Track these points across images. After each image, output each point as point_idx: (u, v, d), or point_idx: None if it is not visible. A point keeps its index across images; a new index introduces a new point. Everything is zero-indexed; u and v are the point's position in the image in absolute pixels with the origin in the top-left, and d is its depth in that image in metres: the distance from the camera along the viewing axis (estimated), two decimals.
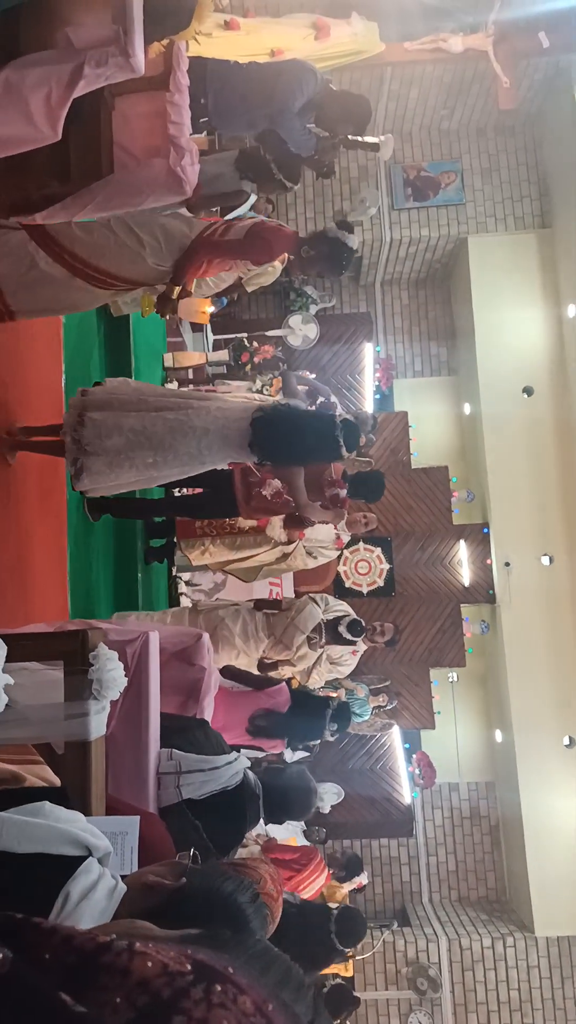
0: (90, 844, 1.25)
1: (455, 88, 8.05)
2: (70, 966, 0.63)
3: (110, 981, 0.62)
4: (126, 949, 0.64)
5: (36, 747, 1.78)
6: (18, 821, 1.21)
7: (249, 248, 3.41)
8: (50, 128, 2.91)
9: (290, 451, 3.55)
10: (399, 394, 9.06)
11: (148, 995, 0.61)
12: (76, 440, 3.34)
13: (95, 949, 0.64)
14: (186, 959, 0.64)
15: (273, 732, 3.58)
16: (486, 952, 7.76)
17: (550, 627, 8.16)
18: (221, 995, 0.61)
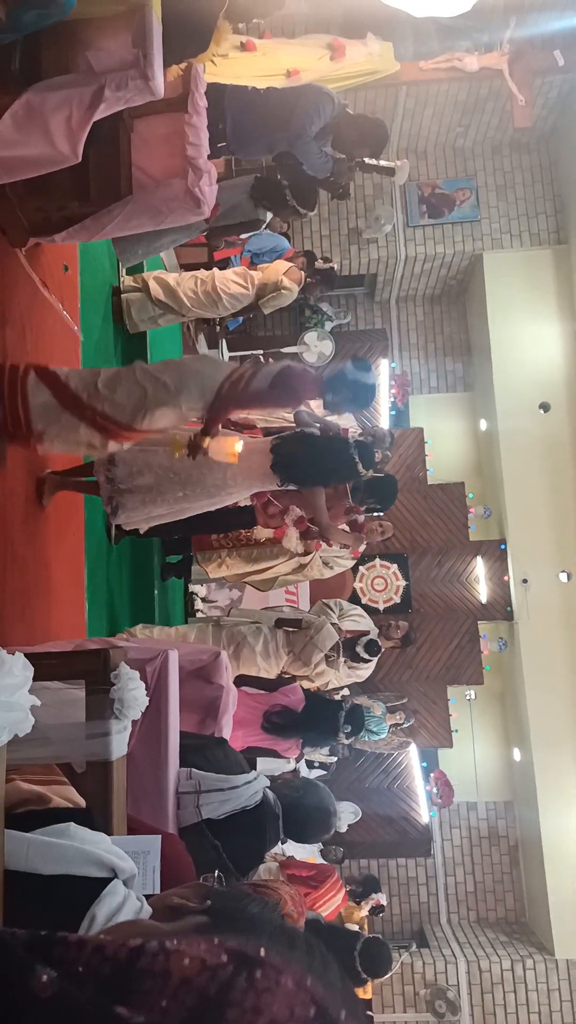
0: (116, 866, 1.24)
1: (470, 106, 8.10)
2: (106, 977, 0.63)
3: (152, 985, 0.61)
4: (160, 951, 0.63)
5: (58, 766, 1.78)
6: (44, 842, 1.20)
7: (276, 399, 3.38)
8: (71, 150, 2.95)
9: (310, 471, 3.67)
10: (415, 410, 9.05)
11: (195, 993, 0.61)
12: (109, 479, 3.46)
13: (129, 956, 0.63)
14: (220, 949, 0.64)
15: (287, 730, 3.60)
16: (505, 974, 7.64)
17: (569, 644, 8.09)
18: (264, 980, 0.62)
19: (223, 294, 4.87)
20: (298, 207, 4.21)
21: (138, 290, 4.92)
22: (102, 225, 3.43)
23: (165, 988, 0.61)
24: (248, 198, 4.16)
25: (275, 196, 4.12)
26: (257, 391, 3.22)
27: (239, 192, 4.11)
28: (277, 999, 0.62)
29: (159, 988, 0.61)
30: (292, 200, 4.12)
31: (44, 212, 3.37)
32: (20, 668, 1.16)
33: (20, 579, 3.33)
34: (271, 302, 4.89)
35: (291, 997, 0.62)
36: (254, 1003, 0.61)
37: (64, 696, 1.95)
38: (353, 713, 3.79)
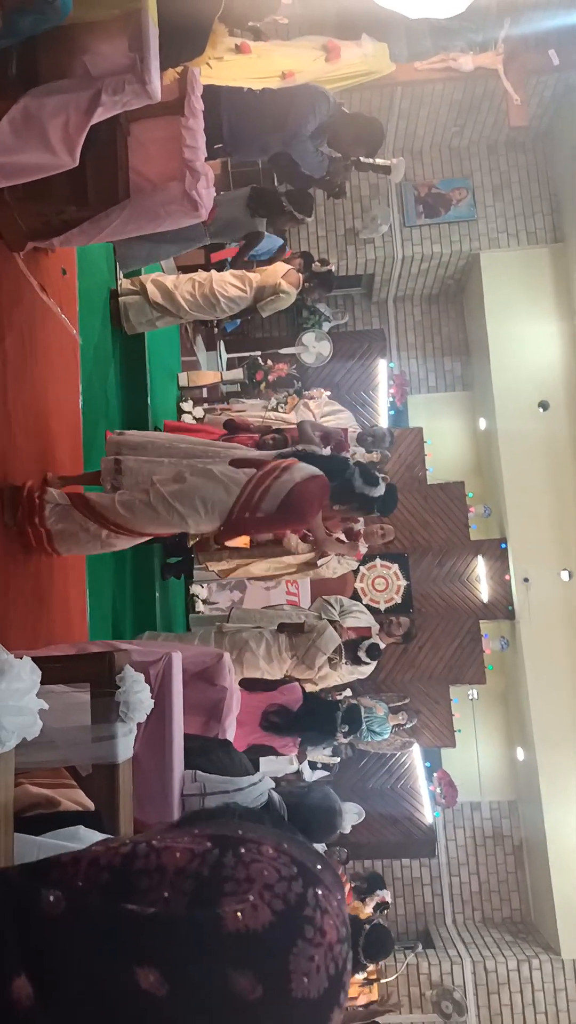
0: None
1: (465, 106, 8.11)
2: (105, 884, 0.68)
3: (150, 882, 0.67)
4: (151, 850, 0.69)
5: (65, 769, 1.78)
6: (54, 845, 1.21)
7: (285, 519, 3.49)
8: (68, 155, 2.95)
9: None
10: (413, 410, 9.06)
11: (191, 879, 0.67)
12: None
13: (123, 860, 0.69)
14: (202, 837, 0.70)
15: (285, 729, 3.62)
16: (512, 975, 7.63)
17: (571, 642, 8.09)
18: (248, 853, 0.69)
19: (221, 297, 4.87)
20: (295, 213, 4.23)
21: (136, 293, 4.92)
22: (100, 229, 3.43)
23: (163, 881, 0.67)
24: (245, 209, 4.18)
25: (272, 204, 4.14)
26: (267, 516, 3.35)
27: (236, 206, 4.14)
28: (264, 865, 0.69)
29: (157, 882, 0.67)
30: (289, 206, 4.13)
31: (42, 216, 3.37)
32: (28, 672, 1.16)
33: (23, 584, 3.33)
34: (269, 305, 4.90)
35: (274, 861, 0.70)
36: (245, 874, 0.68)
37: (69, 700, 1.94)
38: (350, 712, 3.81)
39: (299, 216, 4.35)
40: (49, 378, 3.90)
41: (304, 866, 0.71)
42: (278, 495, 3.33)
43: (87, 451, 4.33)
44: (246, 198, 4.25)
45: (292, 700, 3.54)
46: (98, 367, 4.72)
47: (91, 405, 4.47)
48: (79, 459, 4.24)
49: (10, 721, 1.13)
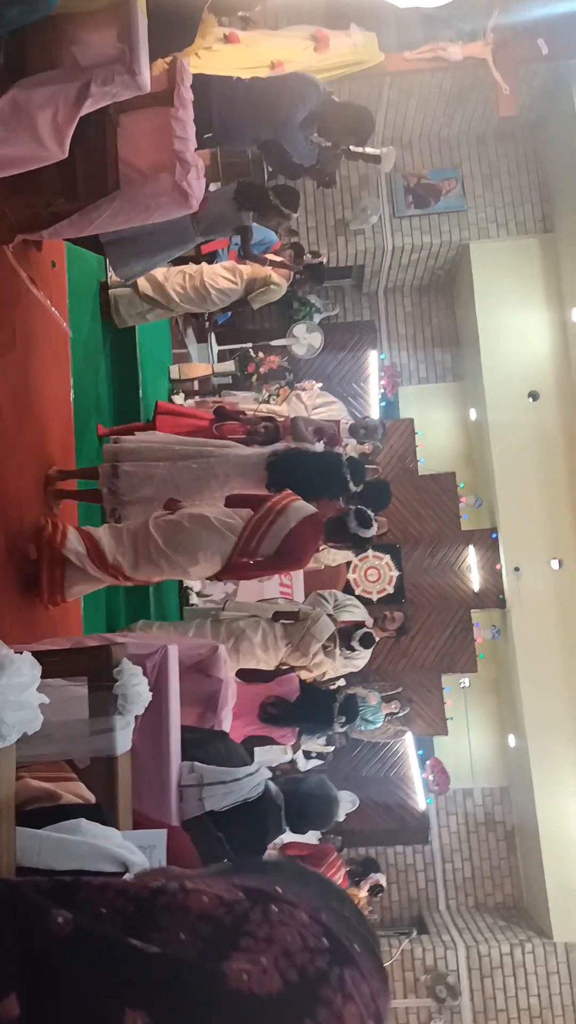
0: (127, 860, 1.26)
1: (454, 96, 8.09)
2: (129, 915, 0.65)
3: (171, 920, 0.64)
4: (180, 889, 0.66)
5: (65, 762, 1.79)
6: (57, 839, 1.22)
7: (282, 562, 3.57)
8: (57, 146, 2.93)
9: (303, 488, 3.74)
10: (404, 401, 9.07)
11: (211, 925, 0.63)
12: (112, 491, 3.60)
13: (151, 894, 0.66)
14: (236, 888, 0.67)
15: (283, 720, 3.65)
16: (505, 959, 7.71)
17: (561, 631, 8.15)
18: (278, 913, 0.65)
19: (211, 289, 4.86)
20: (282, 207, 4.23)
21: (126, 285, 4.90)
22: (90, 221, 3.42)
23: (184, 922, 0.64)
24: (232, 204, 4.17)
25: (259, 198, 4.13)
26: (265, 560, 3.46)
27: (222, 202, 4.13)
28: (290, 930, 0.64)
29: (177, 922, 0.64)
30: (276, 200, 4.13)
31: (31, 209, 3.35)
32: (28, 667, 1.17)
33: (19, 578, 3.33)
34: (260, 297, 4.89)
35: (303, 928, 0.65)
36: (267, 933, 0.63)
37: (66, 693, 1.95)
38: (347, 703, 3.84)
39: (285, 211, 4.34)
40: (40, 371, 3.90)
41: (339, 943, 0.66)
42: (275, 540, 3.41)
43: (79, 444, 4.33)
44: (233, 192, 4.25)
45: (289, 691, 3.57)
46: (89, 360, 4.71)
47: (82, 398, 4.47)
48: (71, 452, 4.24)
49: (11, 716, 1.14)
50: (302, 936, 0.64)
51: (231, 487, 3.77)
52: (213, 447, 3.96)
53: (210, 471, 3.77)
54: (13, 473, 3.45)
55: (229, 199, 4.13)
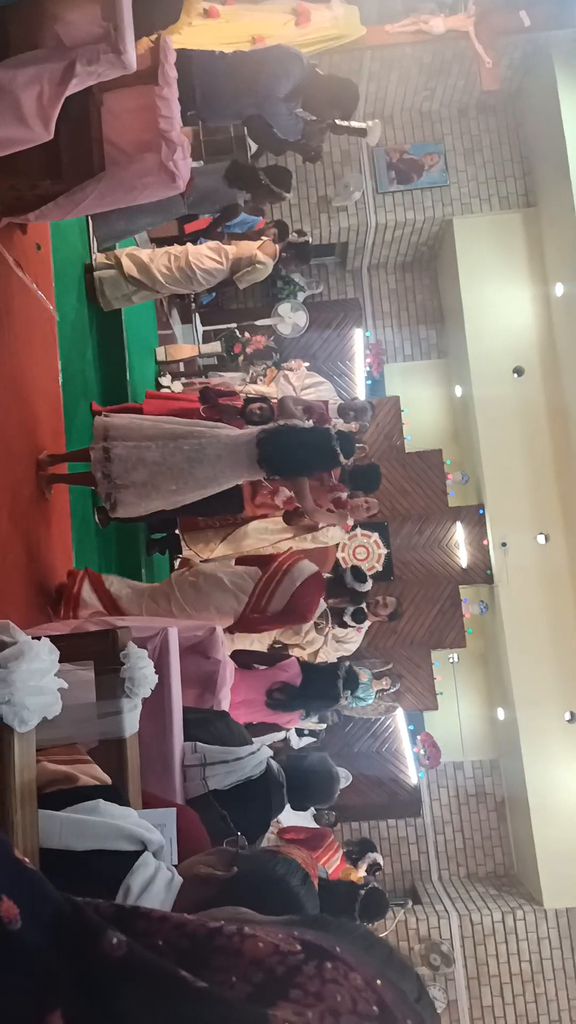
0: (145, 839, 1.28)
1: (435, 69, 8.03)
2: (184, 950, 0.66)
3: (224, 962, 0.64)
4: (237, 932, 0.66)
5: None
6: (76, 820, 1.24)
7: (290, 618, 3.91)
8: (43, 127, 2.90)
9: (294, 463, 3.85)
10: (390, 379, 9.08)
11: (263, 972, 0.63)
12: (106, 475, 3.61)
13: (208, 933, 0.66)
14: (295, 940, 0.66)
15: (290, 704, 3.72)
16: (496, 926, 7.88)
17: (548, 604, 8.24)
18: (332, 971, 0.64)
19: (197, 269, 4.82)
20: (273, 188, 4.20)
21: (111, 267, 4.86)
22: (76, 203, 3.38)
23: (237, 966, 0.64)
24: (223, 180, 4.13)
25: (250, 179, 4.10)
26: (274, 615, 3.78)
27: (214, 177, 4.09)
28: (342, 991, 0.63)
29: (230, 965, 0.64)
30: (267, 181, 4.10)
31: (16, 191, 3.31)
32: (47, 653, 1.19)
33: (13, 565, 3.33)
34: (246, 277, 4.86)
35: (357, 992, 0.64)
36: (318, 989, 0.62)
37: (73, 677, 1.97)
38: (350, 676, 3.91)
39: (276, 191, 4.32)
40: (28, 355, 3.87)
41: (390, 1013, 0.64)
42: (283, 597, 3.81)
43: (68, 427, 4.31)
44: (225, 170, 4.21)
45: (293, 675, 3.62)
46: (76, 343, 4.68)
47: (70, 381, 4.44)
48: (61, 435, 4.22)
49: (32, 701, 1.16)
50: (353, 999, 0.63)
51: (223, 466, 3.79)
52: (203, 427, 3.96)
53: (201, 451, 3.78)
54: (4, 457, 3.44)
55: (221, 176, 4.10)
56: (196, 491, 3.83)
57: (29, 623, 3.36)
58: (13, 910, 0.62)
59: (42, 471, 3.78)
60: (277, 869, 1.31)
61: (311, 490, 4.07)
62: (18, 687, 1.14)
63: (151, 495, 3.74)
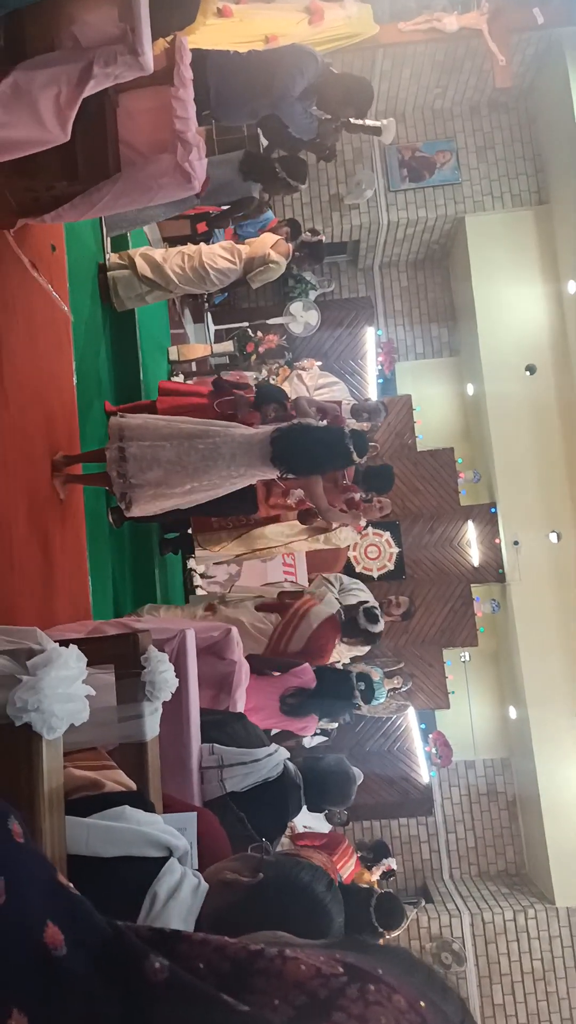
0: (171, 844, 1.29)
1: (448, 66, 7.99)
2: (225, 974, 0.65)
3: (266, 985, 0.64)
4: (278, 955, 0.66)
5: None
6: (103, 826, 1.24)
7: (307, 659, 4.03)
8: (60, 129, 2.90)
9: (308, 461, 3.86)
10: (402, 377, 9.06)
11: (305, 995, 0.62)
12: (121, 474, 3.62)
13: (249, 956, 0.66)
14: (336, 962, 0.65)
15: (305, 709, 3.73)
16: (508, 924, 7.87)
17: (560, 603, 8.22)
18: (376, 993, 0.63)
19: (211, 269, 4.83)
20: (289, 180, 4.18)
21: (124, 267, 4.86)
22: (92, 203, 3.38)
23: (279, 989, 0.63)
24: (238, 172, 4.12)
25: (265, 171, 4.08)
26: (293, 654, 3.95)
27: (229, 168, 4.08)
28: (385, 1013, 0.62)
29: (272, 988, 0.63)
30: (283, 173, 4.09)
31: (32, 193, 3.32)
32: (75, 660, 1.19)
33: (28, 566, 3.35)
34: (259, 276, 4.86)
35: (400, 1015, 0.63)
36: (361, 1012, 0.62)
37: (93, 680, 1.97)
38: (364, 679, 3.91)
39: (293, 183, 4.31)
40: (43, 356, 3.88)
41: None
42: (301, 640, 4.07)
43: (82, 427, 4.32)
44: (239, 161, 4.20)
45: (307, 680, 3.62)
46: (90, 343, 4.69)
47: (85, 382, 4.45)
48: (75, 436, 4.23)
49: (60, 708, 1.16)
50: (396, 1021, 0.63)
51: (237, 465, 3.81)
52: (218, 426, 3.97)
53: (216, 451, 3.79)
54: (21, 459, 3.45)
55: (235, 167, 4.10)
56: (211, 490, 3.84)
57: (44, 624, 3.38)
58: (58, 936, 0.62)
59: (57, 472, 3.79)
60: (303, 875, 1.31)
61: (325, 491, 4.07)
62: (46, 694, 1.15)
63: (166, 494, 3.75)
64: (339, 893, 1.34)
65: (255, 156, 4.13)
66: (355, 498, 4.42)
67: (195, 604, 4.74)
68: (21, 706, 1.13)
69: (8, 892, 0.60)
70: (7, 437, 3.33)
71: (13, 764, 1.16)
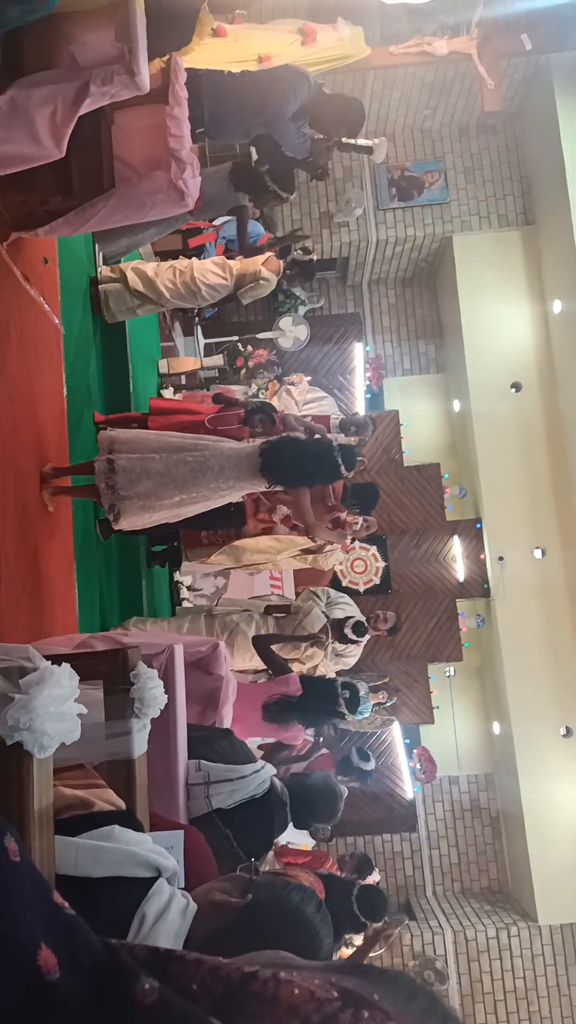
0: (160, 865, 1.28)
1: (437, 88, 8.11)
2: (218, 996, 0.65)
3: (259, 1009, 0.63)
4: (272, 978, 0.65)
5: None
6: (93, 846, 1.24)
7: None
8: (55, 146, 2.93)
9: (296, 473, 3.88)
10: (389, 393, 9.12)
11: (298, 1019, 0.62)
12: (110, 486, 3.61)
13: (242, 979, 0.65)
14: (331, 986, 0.65)
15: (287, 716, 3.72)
16: (491, 942, 7.85)
17: (545, 619, 8.26)
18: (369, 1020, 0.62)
19: (202, 285, 4.85)
20: (279, 191, 4.22)
21: (116, 281, 4.88)
22: (85, 219, 3.41)
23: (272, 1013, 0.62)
24: (228, 184, 4.16)
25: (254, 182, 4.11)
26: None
27: (220, 183, 4.11)
28: None
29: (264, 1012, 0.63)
30: (272, 185, 4.13)
31: (27, 207, 3.35)
32: (67, 679, 1.19)
33: (16, 578, 3.34)
34: (250, 292, 4.89)
35: None
36: None
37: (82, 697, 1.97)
38: (350, 687, 3.92)
39: (282, 194, 4.35)
40: (34, 369, 3.89)
41: None
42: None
43: (72, 439, 4.32)
44: (228, 173, 4.24)
45: (293, 690, 3.62)
46: (80, 356, 4.70)
47: (75, 394, 4.46)
48: (64, 448, 4.23)
49: (52, 727, 1.16)
50: None
51: (226, 477, 3.82)
52: (208, 440, 3.99)
53: (205, 464, 3.81)
54: (11, 472, 3.45)
55: (224, 180, 4.13)
56: (200, 503, 3.85)
57: (32, 637, 3.36)
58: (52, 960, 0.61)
59: (46, 484, 3.79)
60: (292, 896, 1.31)
61: (313, 508, 4.09)
62: (39, 713, 1.15)
63: (155, 506, 3.75)
64: (328, 914, 1.34)
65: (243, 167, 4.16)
66: (341, 517, 4.43)
67: (181, 617, 4.73)
68: (13, 725, 1.13)
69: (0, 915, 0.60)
70: (2, 450, 3.33)
71: (4, 783, 1.16)
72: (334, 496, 4.44)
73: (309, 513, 4.13)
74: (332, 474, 4.03)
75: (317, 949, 1.28)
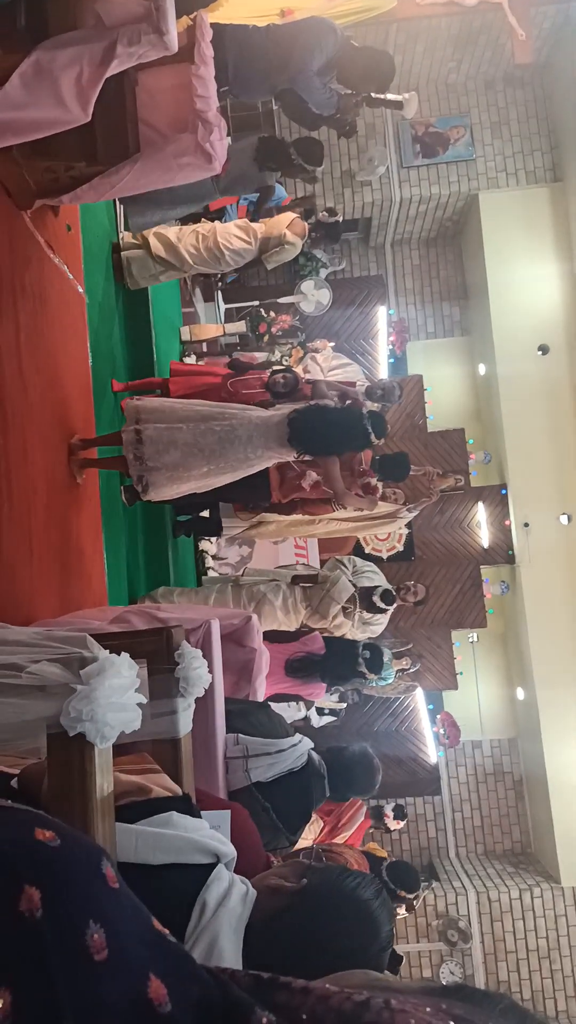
0: (219, 851, 1.28)
1: (462, 39, 7.83)
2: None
3: None
4: (385, 1007, 0.61)
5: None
6: (152, 833, 1.23)
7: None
8: (81, 110, 2.85)
9: (325, 441, 3.84)
10: (413, 357, 8.98)
11: None
12: (138, 457, 3.60)
13: (355, 1008, 0.62)
14: (445, 1014, 0.62)
15: (311, 672, 3.74)
16: (514, 903, 7.96)
17: (570, 585, 8.21)
18: None
19: (226, 250, 4.76)
20: (305, 164, 4.11)
21: (138, 247, 4.81)
22: (111, 184, 3.33)
23: None
24: (253, 163, 4.05)
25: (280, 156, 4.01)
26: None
27: (244, 159, 4.01)
28: None
29: None
30: (298, 158, 4.02)
31: (52, 173, 3.27)
32: (127, 668, 1.18)
33: (46, 552, 3.34)
34: (275, 256, 4.80)
35: None
36: None
37: None
38: (372, 648, 3.93)
39: (309, 167, 4.24)
40: (59, 338, 3.84)
41: None
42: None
43: (97, 410, 4.30)
44: (253, 151, 4.13)
45: (316, 648, 3.64)
46: (104, 324, 4.64)
47: (99, 363, 4.42)
48: (91, 419, 4.21)
49: (114, 717, 1.15)
50: None
51: (255, 447, 3.79)
52: (235, 409, 3.94)
53: (233, 433, 3.77)
54: (39, 444, 3.43)
55: (249, 157, 4.03)
56: (228, 473, 3.82)
57: (63, 609, 3.37)
58: (162, 991, 0.58)
59: (74, 456, 3.77)
60: (348, 882, 1.30)
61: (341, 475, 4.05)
62: (100, 704, 1.14)
63: (183, 477, 3.73)
64: (388, 900, 1.34)
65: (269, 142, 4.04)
66: (371, 483, 4.39)
67: (209, 587, 4.73)
68: (75, 716, 1.12)
69: (109, 945, 0.56)
70: (26, 423, 3.31)
71: (67, 772, 1.15)
72: (364, 462, 4.39)
73: (338, 481, 4.10)
74: (362, 442, 3.98)
75: (376, 933, 1.27)
